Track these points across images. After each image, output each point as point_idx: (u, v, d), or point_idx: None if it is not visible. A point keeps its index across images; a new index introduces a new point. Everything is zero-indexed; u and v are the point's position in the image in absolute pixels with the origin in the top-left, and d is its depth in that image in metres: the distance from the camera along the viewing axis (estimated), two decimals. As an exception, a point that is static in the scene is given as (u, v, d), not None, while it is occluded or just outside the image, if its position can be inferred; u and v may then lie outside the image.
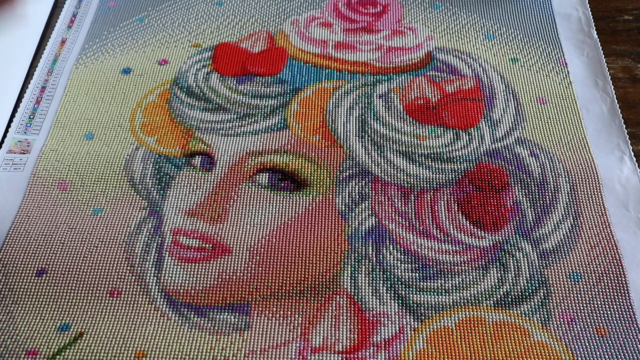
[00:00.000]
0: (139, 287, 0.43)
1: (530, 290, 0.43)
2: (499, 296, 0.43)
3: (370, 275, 0.44)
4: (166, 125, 0.52)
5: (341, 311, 0.42)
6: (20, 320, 0.41)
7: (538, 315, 0.42)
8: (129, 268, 0.44)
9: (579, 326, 0.41)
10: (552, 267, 0.44)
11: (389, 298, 0.43)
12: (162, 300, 0.42)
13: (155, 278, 0.43)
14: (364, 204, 0.47)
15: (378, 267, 0.44)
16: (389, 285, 0.43)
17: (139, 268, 0.44)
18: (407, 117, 0.52)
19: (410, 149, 0.50)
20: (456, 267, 0.44)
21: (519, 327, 0.41)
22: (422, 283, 0.43)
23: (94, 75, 0.56)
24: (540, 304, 0.42)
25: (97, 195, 0.48)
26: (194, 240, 0.45)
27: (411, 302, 0.42)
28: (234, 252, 0.44)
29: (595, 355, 0.40)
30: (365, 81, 0.55)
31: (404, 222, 0.46)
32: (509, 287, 0.43)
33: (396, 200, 0.47)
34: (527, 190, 0.48)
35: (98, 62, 0.58)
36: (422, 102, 0.53)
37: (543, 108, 0.54)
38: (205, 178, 0.49)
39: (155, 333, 0.41)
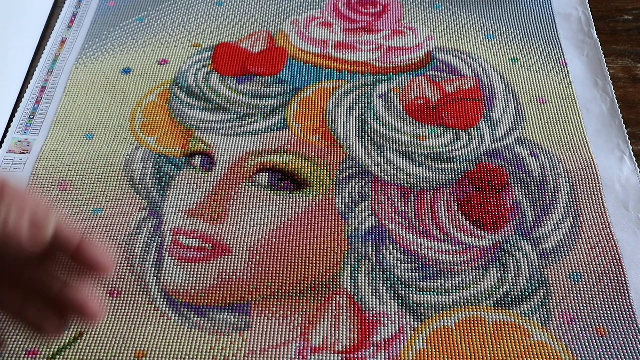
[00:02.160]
0: (139, 287, 0.43)
1: (530, 290, 0.43)
2: (499, 296, 0.43)
3: (370, 275, 0.44)
4: (166, 125, 0.52)
5: (341, 311, 0.42)
6: (20, 320, 0.41)
7: (538, 315, 0.42)
8: (129, 268, 0.44)
9: (579, 326, 0.41)
10: (552, 267, 0.44)
11: (389, 298, 0.43)
12: (162, 300, 0.42)
13: (155, 278, 0.43)
14: (364, 204, 0.47)
15: (378, 267, 0.44)
16: (389, 285, 0.43)
17: (139, 268, 0.44)
18: (407, 117, 0.52)
19: (410, 149, 0.50)
20: (456, 267, 0.44)
21: (519, 327, 0.41)
22: (422, 283, 0.43)
23: (94, 75, 0.56)
24: (540, 304, 0.42)
25: (97, 195, 0.48)
26: (194, 240, 0.45)
27: (411, 302, 0.42)
28: (234, 252, 0.44)
29: (595, 355, 0.40)
30: (365, 81, 0.55)
31: (404, 222, 0.46)
32: (509, 287, 0.43)
33: (396, 200, 0.47)
34: (527, 190, 0.48)
35: (98, 62, 0.58)
36: (422, 102, 0.53)
37: (543, 108, 0.54)
38: (205, 178, 0.49)
39: (155, 333, 0.41)
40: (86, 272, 0.31)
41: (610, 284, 0.43)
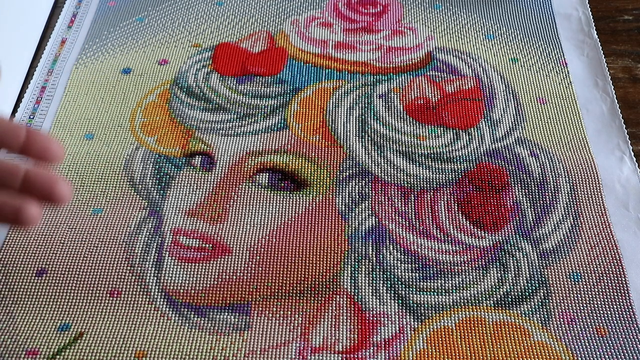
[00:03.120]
0: (139, 287, 0.43)
1: (530, 290, 0.43)
2: (499, 296, 0.43)
3: (370, 275, 0.44)
4: (166, 125, 0.52)
5: (341, 311, 0.42)
6: (20, 320, 0.41)
7: (538, 315, 0.42)
8: (129, 268, 0.44)
9: (579, 326, 0.41)
10: (552, 267, 0.44)
11: (389, 298, 0.43)
12: (162, 300, 0.42)
13: (155, 278, 0.43)
14: (364, 204, 0.47)
15: (378, 267, 0.44)
16: (389, 285, 0.43)
17: (139, 268, 0.44)
18: (407, 117, 0.52)
19: (410, 149, 0.50)
20: (456, 267, 0.44)
21: (519, 327, 0.41)
22: (422, 283, 0.43)
23: (94, 75, 0.56)
24: (540, 304, 0.42)
25: (97, 195, 0.48)
26: (194, 240, 0.45)
27: (411, 302, 0.42)
28: (234, 252, 0.44)
29: (595, 355, 0.40)
30: (365, 81, 0.55)
31: (404, 222, 0.46)
32: (509, 287, 0.43)
33: (396, 200, 0.47)
34: (527, 190, 0.48)
35: (98, 62, 0.58)
36: (422, 102, 0.53)
37: (543, 108, 0.54)
38: (205, 178, 0.49)
39: (155, 333, 0.41)
40: (38, 163, 0.30)
41: (610, 284, 0.43)
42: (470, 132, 0.51)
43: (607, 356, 0.40)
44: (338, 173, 0.49)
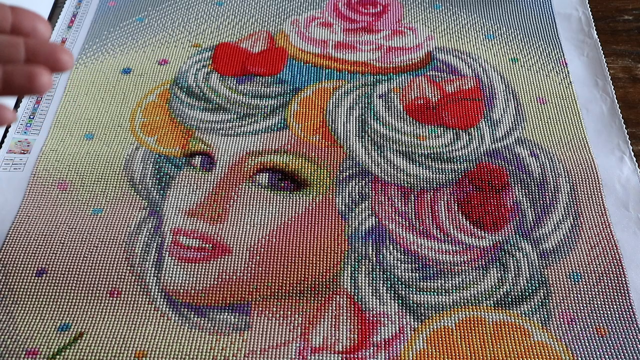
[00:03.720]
0: (139, 287, 0.43)
1: (530, 290, 0.43)
2: (499, 296, 0.43)
3: (370, 275, 0.44)
4: (166, 125, 0.52)
5: (341, 311, 0.42)
6: (20, 320, 0.41)
7: (538, 315, 0.42)
8: (129, 268, 0.44)
9: (579, 326, 0.41)
10: (552, 267, 0.44)
11: (389, 298, 0.43)
12: (162, 300, 0.42)
13: (155, 278, 0.43)
14: (364, 204, 0.47)
15: (378, 267, 0.44)
16: (389, 285, 0.43)
17: (139, 268, 0.44)
18: (407, 117, 0.52)
19: (410, 149, 0.50)
20: (456, 267, 0.44)
21: (519, 327, 0.41)
22: (422, 283, 0.43)
23: (94, 75, 0.56)
24: (540, 304, 0.42)
25: (97, 195, 0.48)
26: (194, 240, 0.45)
27: (411, 302, 0.42)
28: (234, 252, 0.44)
29: (595, 355, 0.40)
30: (365, 81, 0.55)
31: (404, 222, 0.46)
32: (509, 287, 0.43)
33: (396, 200, 0.47)
34: (527, 190, 0.48)
35: (98, 62, 0.58)
36: (422, 102, 0.53)
37: (543, 108, 0.54)
38: (205, 178, 0.49)
39: (155, 333, 0.41)
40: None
41: (610, 284, 0.43)
42: (470, 132, 0.51)
43: (607, 356, 0.40)
44: (338, 173, 0.49)
